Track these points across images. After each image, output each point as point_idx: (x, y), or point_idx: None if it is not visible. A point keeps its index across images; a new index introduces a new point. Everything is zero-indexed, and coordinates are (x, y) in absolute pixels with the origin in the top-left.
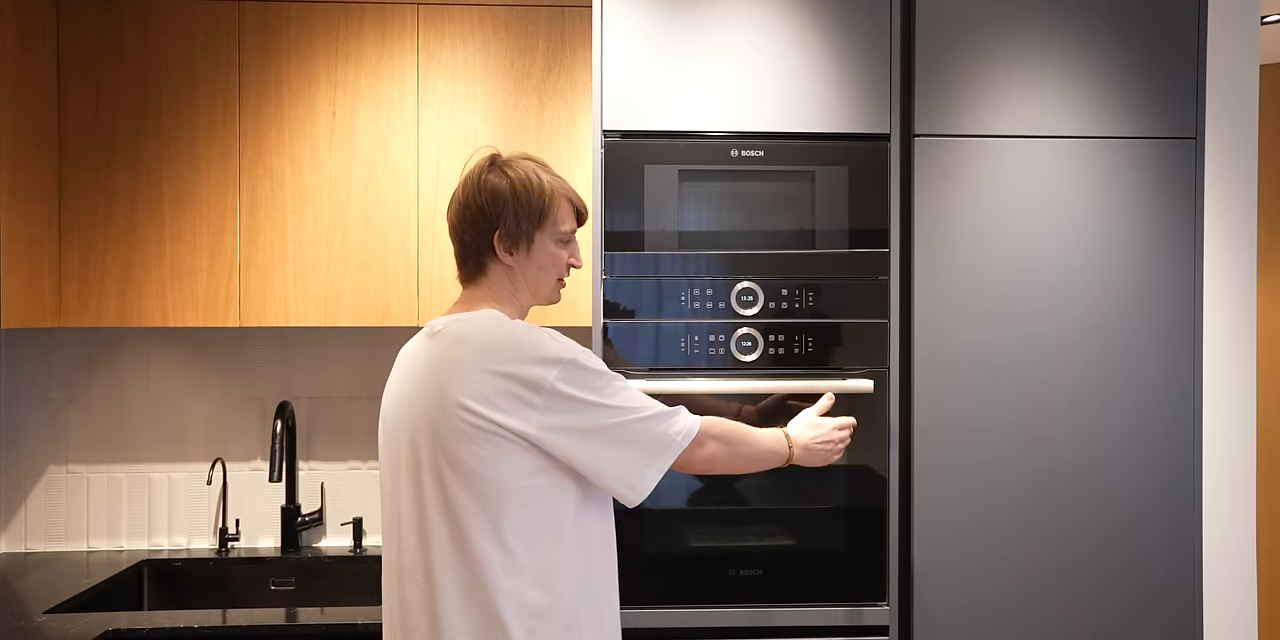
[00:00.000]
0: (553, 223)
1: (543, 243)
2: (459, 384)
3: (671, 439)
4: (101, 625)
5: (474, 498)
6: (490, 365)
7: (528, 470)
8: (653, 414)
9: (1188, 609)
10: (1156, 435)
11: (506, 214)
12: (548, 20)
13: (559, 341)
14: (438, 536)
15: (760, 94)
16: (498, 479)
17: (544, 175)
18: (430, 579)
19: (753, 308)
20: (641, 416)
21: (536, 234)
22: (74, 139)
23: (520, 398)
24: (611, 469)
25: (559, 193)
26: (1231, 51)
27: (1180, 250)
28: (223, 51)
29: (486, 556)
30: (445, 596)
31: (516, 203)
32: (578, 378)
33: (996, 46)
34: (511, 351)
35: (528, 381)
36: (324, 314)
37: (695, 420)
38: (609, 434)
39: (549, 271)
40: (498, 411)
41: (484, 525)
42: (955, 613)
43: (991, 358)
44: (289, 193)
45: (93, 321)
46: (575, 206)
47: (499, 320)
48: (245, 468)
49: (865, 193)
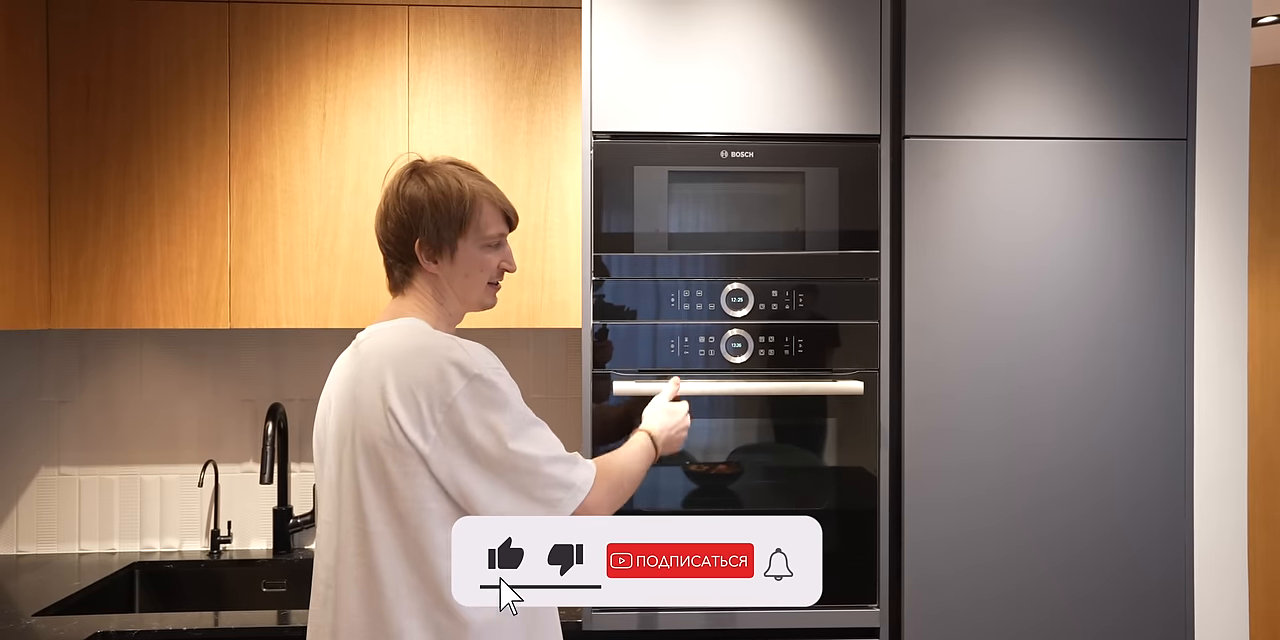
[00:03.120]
0: (476, 228)
1: (467, 249)
2: (370, 397)
3: (571, 485)
4: (91, 627)
5: (382, 515)
6: (399, 378)
7: (434, 492)
8: (554, 456)
9: (1180, 612)
10: (1148, 438)
11: (425, 223)
12: (538, 22)
13: (470, 355)
14: (347, 554)
15: (750, 95)
16: (407, 497)
17: (466, 180)
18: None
19: (743, 309)
20: (546, 456)
21: (459, 241)
22: (64, 140)
23: (423, 412)
24: (506, 511)
25: (481, 197)
26: (1223, 53)
27: (1171, 252)
28: (213, 53)
29: (393, 577)
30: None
31: (435, 211)
32: (482, 395)
33: (987, 47)
34: (420, 363)
35: (431, 396)
36: (314, 316)
37: (591, 467)
38: (505, 471)
39: (475, 277)
40: (407, 425)
41: (392, 544)
42: (946, 615)
43: (982, 360)
44: (279, 194)
45: (83, 323)
46: (502, 210)
47: (417, 331)
48: (237, 470)
49: (855, 194)
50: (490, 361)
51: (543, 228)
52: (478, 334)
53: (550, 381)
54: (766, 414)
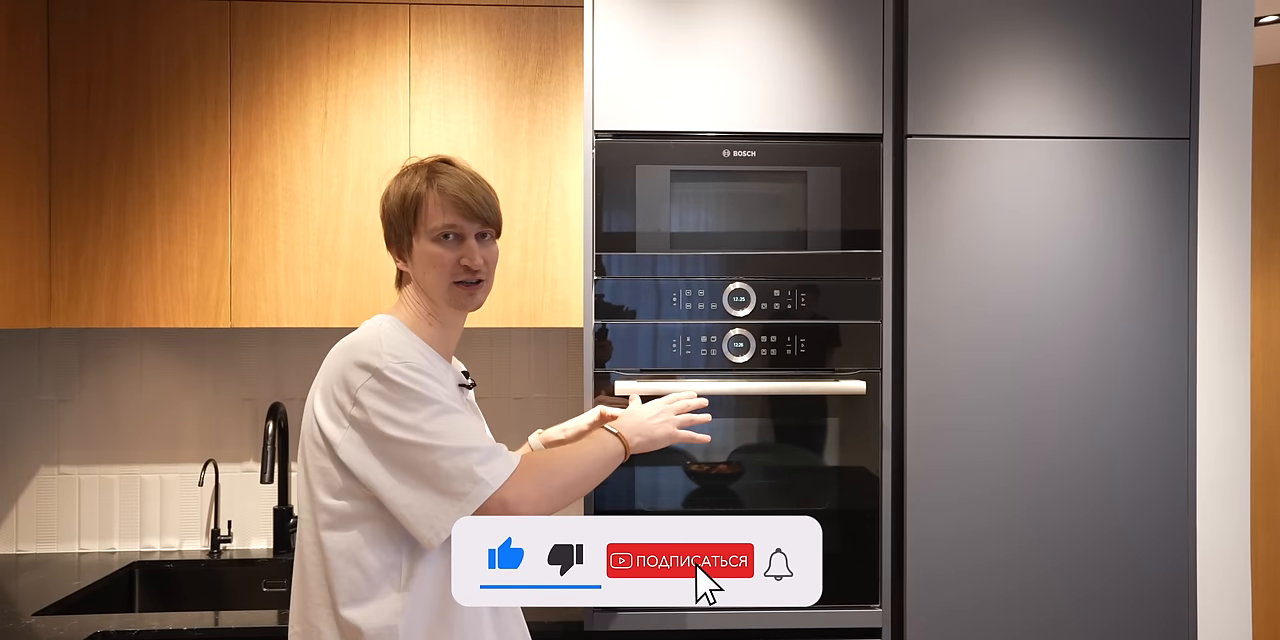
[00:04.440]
0: (423, 221)
1: (420, 244)
2: (316, 391)
3: (479, 479)
4: (91, 627)
5: (308, 513)
6: (323, 375)
7: (344, 490)
8: (463, 448)
9: (1183, 612)
10: (1151, 437)
11: (386, 221)
12: (540, 20)
13: (385, 347)
14: (298, 547)
15: (752, 94)
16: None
17: (420, 175)
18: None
19: (745, 309)
20: (453, 448)
21: (414, 237)
22: (64, 138)
23: (341, 406)
24: (412, 503)
25: (433, 189)
26: (1226, 52)
27: (1174, 251)
28: (214, 51)
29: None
30: (291, 608)
31: (391, 208)
32: (382, 390)
33: (989, 46)
34: (337, 360)
35: (346, 388)
36: (315, 315)
37: (510, 462)
38: (408, 465)
39: (432, 273)
40: (324, 421)
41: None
42: (948, 615)
43: (984, 359)
44: (280, 193)
45: (83, 322)
46: (453, 201)
47: (365, 329)
48: (237, 469)
49: (858, 193)
50: (403, 357)
51: (544, 227)
52: (479, 333)
53: (551, 381)
54: (768, 414)
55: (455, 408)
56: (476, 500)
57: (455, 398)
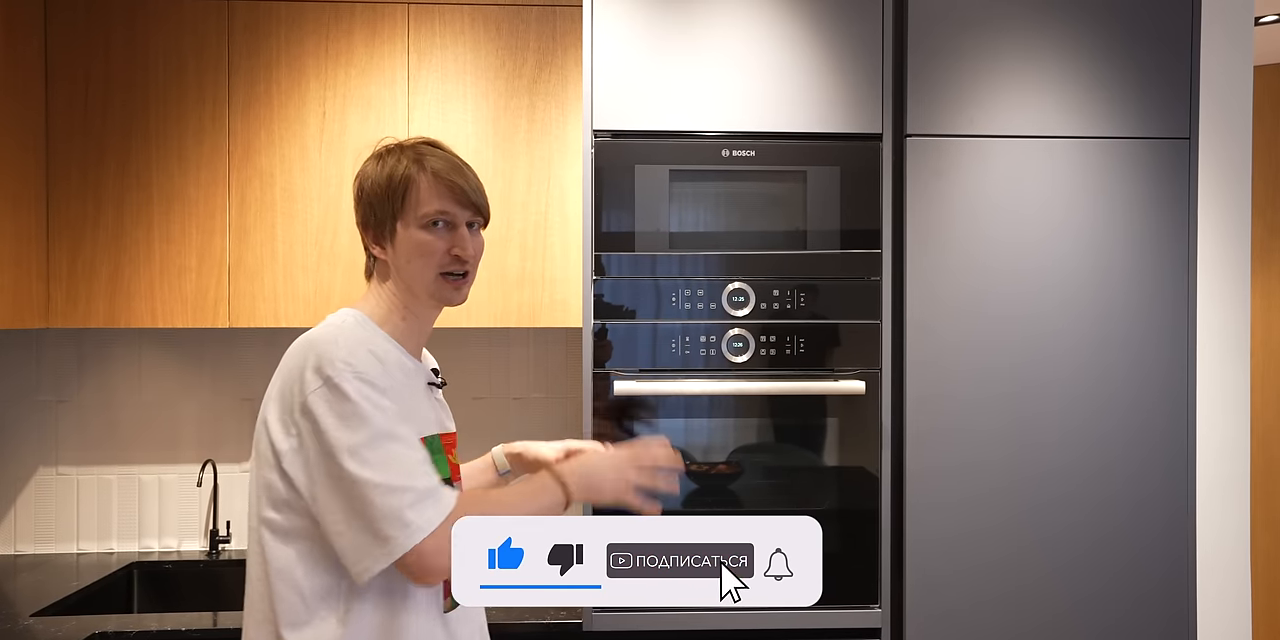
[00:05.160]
0: (412, 205)
1: (405, 231)
2: (274, 390)
3: (408, 523)
4: (89, 628)
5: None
6: (287, 370)
7: (282, 502)
8: (398, 486)
9: (1183, 612)
10: (1150, 437)
11: (364, 203)
12: (539, 20)
13: (341, 353)
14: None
15: (751, 93)
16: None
17: (418, 156)
18: None
19: (744, 309)
20: (388, 485)
21: (398, 222)
22: (62, 139)
23: (290, 410)
24: (344, 533)
25: (424, 171)
26: (1225, 51)
27: (1174, 251)
28: (212, 51)
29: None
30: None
31: (373, 189)
32: (331, 400)
33: (989, 46)
34: (292, 359)
35: (300, 389)
36: (314, 315)
37: (445, 507)
38: (342, 492)
39: (417, 263)
40: (277, 425)
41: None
42: (948, 615)
43: (984, 359)
44: (279, 193)
45: (81, 322)
46: (447, 185)
47: (327, 325)
48: (236, 469)
49: (857, 193)
50: (357, 366)
51: (543, 226)
52: (477, 333)
53: (550, 381)
54: (767, 414)
55: (400, 433)
56: (400, 549)
57: (411, 410)
